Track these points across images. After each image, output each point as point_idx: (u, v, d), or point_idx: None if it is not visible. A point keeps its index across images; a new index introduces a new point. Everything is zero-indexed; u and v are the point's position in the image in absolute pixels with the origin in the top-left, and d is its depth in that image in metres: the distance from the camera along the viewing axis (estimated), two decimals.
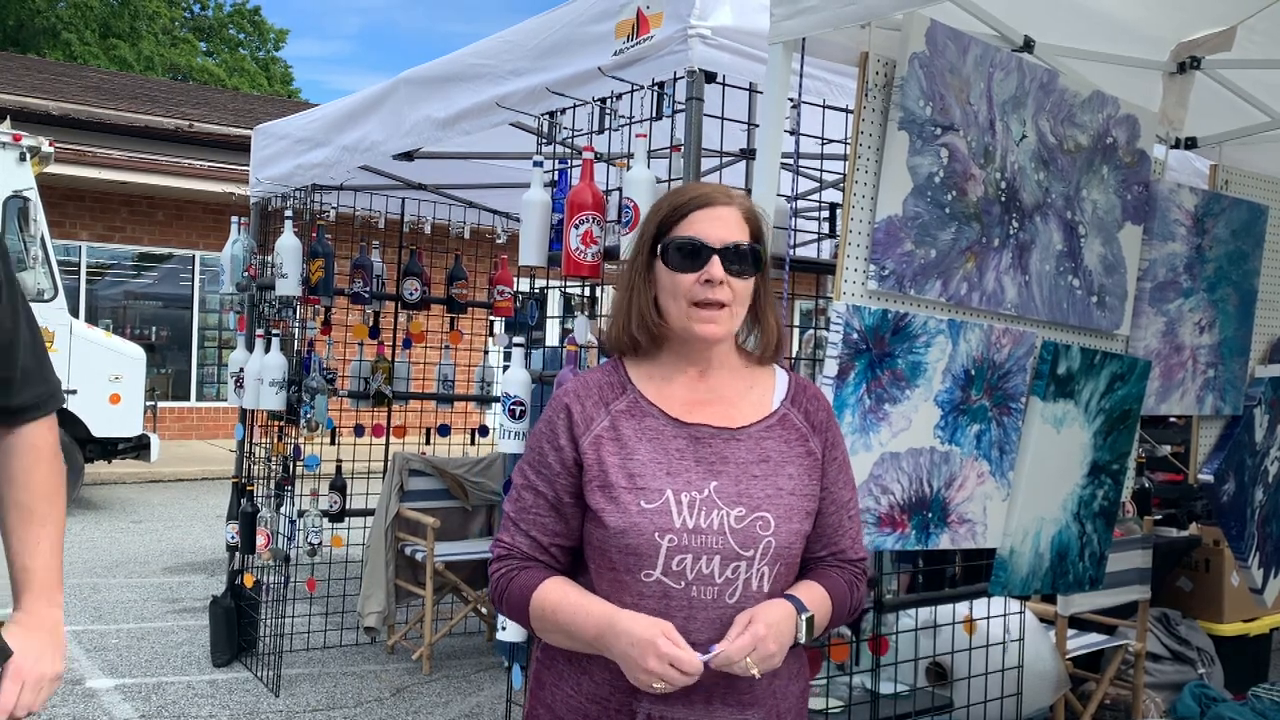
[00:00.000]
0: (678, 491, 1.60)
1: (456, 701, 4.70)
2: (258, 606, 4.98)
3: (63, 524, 1.81)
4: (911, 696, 3.44)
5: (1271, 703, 4.22)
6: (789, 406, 1.72)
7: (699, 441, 1.65)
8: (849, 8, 2.17)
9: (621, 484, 1.61)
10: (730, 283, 1.62)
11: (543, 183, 3.28)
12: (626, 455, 1.63)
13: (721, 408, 1.69)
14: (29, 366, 1.74)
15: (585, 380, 1.72)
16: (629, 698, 1.62)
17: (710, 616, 1.59)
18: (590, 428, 1.66)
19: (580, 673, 1.67)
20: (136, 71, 26.47)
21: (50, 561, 1.77)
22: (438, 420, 6.03)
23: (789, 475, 1.65)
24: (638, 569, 1.59)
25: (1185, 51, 2.97)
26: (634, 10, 2.91)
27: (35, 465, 1.77)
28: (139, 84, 18.68)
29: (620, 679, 1.60)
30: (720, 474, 1.62)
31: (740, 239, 1.64)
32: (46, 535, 1.77)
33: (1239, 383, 3.39)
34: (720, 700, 1.61)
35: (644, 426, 1.65)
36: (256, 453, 5.10)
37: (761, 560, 1.60)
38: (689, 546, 1.58)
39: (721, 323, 1.64)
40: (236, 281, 5.12)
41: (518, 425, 3.29)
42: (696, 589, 1.58)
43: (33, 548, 1.75)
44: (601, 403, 1.68)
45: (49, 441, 1.80)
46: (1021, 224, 2.62)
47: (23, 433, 1.76)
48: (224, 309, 13.76)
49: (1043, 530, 2.82)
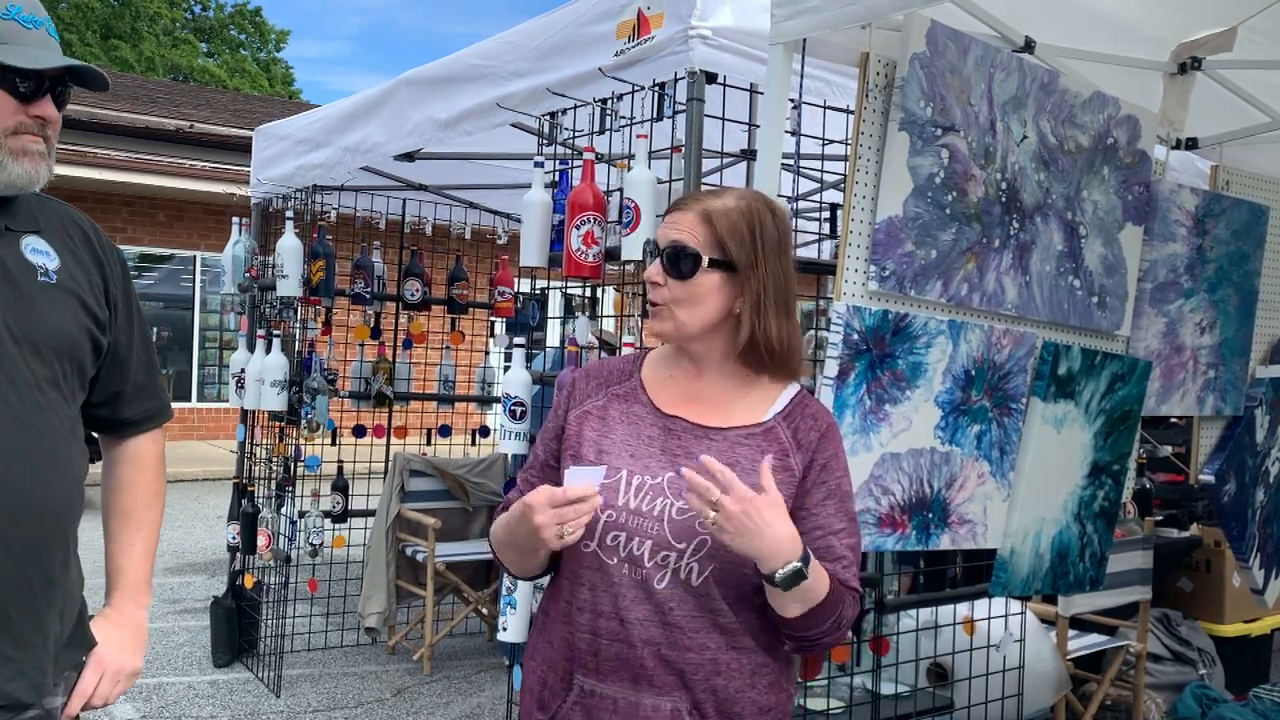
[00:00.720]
0: (631, 473, 1.66)
1: (457, 702, 4.70)
2: (259, 607, 4.98)
3: (158, 529, 1.97)
4: (912, 697, 3.44)
5: (1272, 703, 4.22)
6: (780, 421, 1.70)
7: (670, 433, 1.69)
8: (849, 8, 2.17)
9: (589, 457, 1.69)
10: (668, 284, 1.67)
11: (544, 183, 3.28)
12: (604, 433, 1.71)
13: (704, 408, 1.71)
14: (141, 381, 1.89)
15: (603, 362, 1.82)
16: (570, 666, 1.68)
17: (637, 596, 1.62)
18: (582, 403, 1.75)
19: (546, 644, 1.73)
20: (137, 72, 26.49)
21: (141, 563, 1.92)
22: (439, 421, 6.03)
23: (752, 485, 1.58)
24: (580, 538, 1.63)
25: (1186, 52, 2.97)
26: (635, 11, 2.91)
27: (139, 474, 1.93)
28: (140, 85, 18.69)
29: (566, 648, 1.68)
30: (680, 467, 1.63)
31: (684, 240, 1.66)
32: (141, 538, 1.92)
33: (1240, 383, 3.39)
34: (647, 681, 1.62)
35: (629, 411, 1.73)
36: (258, 453, 5.10)
37: (693, 555, 1.61)
38: (624, 525, 1.63)
39: (662, 320, 1.69)
40: (238, 282, 5.12)
41: (518, 426, 3.29)
42: (628, 568, 1.63)
43: (127, 549, 1.90)
44: (604, 384, 1.77)
45: (154, 453, 1.96)
46: (1022, 224, 2.62)
47: (131, 444, 1.93)
48: (225, 310, 13.77)
49: (1043, 531, 2.82)
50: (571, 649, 1.67)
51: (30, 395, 1.64)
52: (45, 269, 1.70)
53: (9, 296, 1.64)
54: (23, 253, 1.69)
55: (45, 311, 1.68)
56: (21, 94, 1.63)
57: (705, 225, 1.66)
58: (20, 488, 1.61)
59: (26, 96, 1.64)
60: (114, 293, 1.81)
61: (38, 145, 1.66)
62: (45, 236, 1.73)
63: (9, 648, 1.61)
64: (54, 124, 1.69)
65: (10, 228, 1.69)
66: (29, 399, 1.64)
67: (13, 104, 1.63)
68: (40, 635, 1.65)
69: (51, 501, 1.67)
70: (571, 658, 1.68)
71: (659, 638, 1.62)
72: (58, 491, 1.68)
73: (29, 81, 1.63)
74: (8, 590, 1.60)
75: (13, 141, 1.64)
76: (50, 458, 1.66)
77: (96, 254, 1.81)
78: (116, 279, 1.82)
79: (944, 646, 3.56)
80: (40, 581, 1.65)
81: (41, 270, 1.69)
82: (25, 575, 1.62)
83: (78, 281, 1.74)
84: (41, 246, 1.71)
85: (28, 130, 1.65)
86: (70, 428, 1.73)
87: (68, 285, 1.72)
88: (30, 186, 1.67)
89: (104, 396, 1.84)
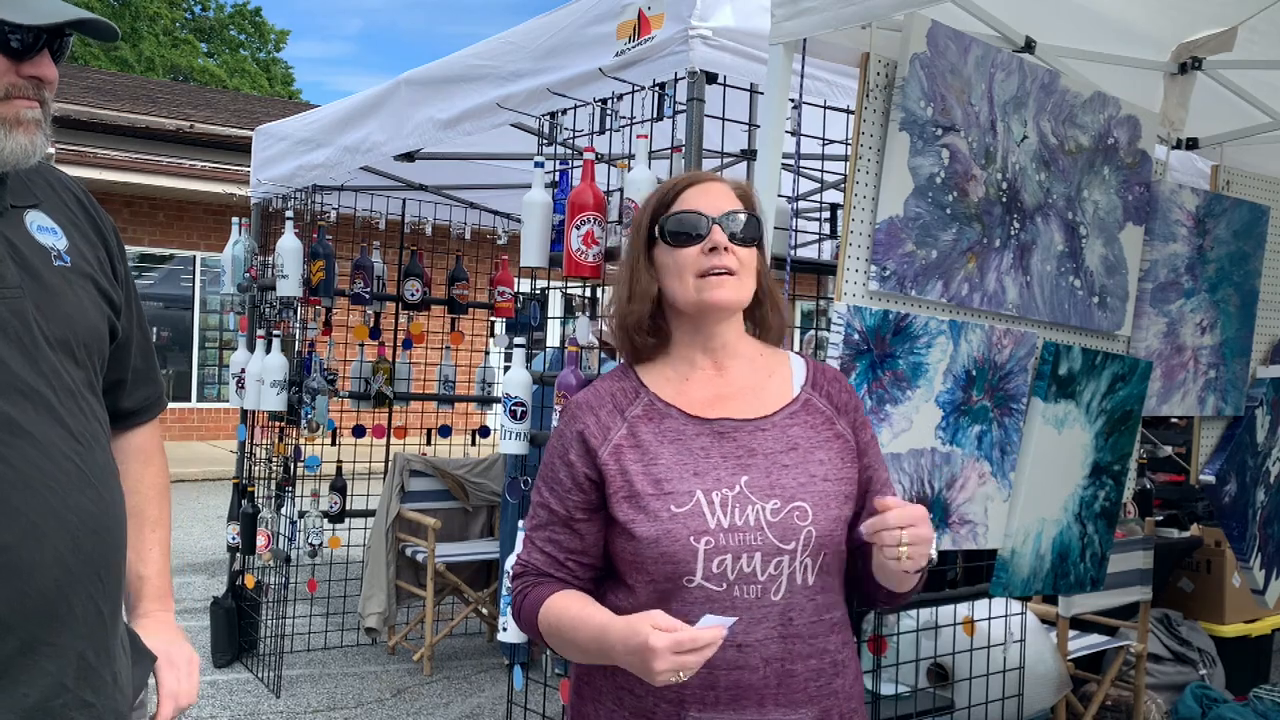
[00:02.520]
0: (708, 491, 1.54)
1: (457, 702, 4.70)
2: (258, 607, 4.98)
3: (170, 526, 1.77)
4: (912, 697, 3.44)
5: (1273, 704, 4.22)
6: (810, 391, 1.67)
7: (723, 436, 1.59)
8: (850, 9, 2.17)
9: (649, 491, 1.55)
10: (734, 250, 1.60)
11: (544, 183, 3.28)
12: (650, 461, 1.57)
13: (743, 400, 1.63)
14: (139, 368, 1.70)
15: (597, 390, 1.67)
16: (676, 708, 1.54)
17: (755, 616, 1.53)
18: (608, 438, 1.60)
19: (620, 689, 1.59)
20: (137, 72, 26.48)
21: (163, 567, 1.74)
22: (438, 421, 6.03)
23: (820, 461, 1.60)
24: (678, 576, 1.52)
25: (1186, 52, 2.97)
26: (635, 11, 2.91)
27: (145, 468, 1.74)
28: (140, 85, 18.68)
29: (668, 690, 1.53)
30: (749, 467, 1.57)
31: (735, 207, 1.63)
32: (158, 540, 1.73)
33: (1240, 384, 3.38)
34: (773, 701, 1.54)
35: (664, 429, 1.60)
36: (257, 454, 5.10)
37: (804, 552, 1.54)
38: (727, 546, 1.52)
39: (731, 288, 1.59)
40: (238, 282, 5.12)
41: (519, 426, 3.29)
42: (740, 589, 1.52)
43: (146, 554, 1.71)
44: (616, 410, 1.63)
45: (155, 444, 1.77)
46: (1023, 225, 2.62)
47: (131, 436, 1.72)
48: (225, 310, 13.77)
49: (1044, 531, 2.82)
50: (679, 690, 1.53)
51: (74, 404, 1.44)
52: (57, 250, 1.47)
53: (35, 291, 1.41)
54: (31, 233, 1.45)
55: (70, 305, 1.46)
56: (13, 50, 1.36)
57: (742, 199, 1.65)
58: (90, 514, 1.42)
59: (19, 53, 1.36)
60: (119, 268, 1.60)
61: (33, 112, 1.40)
62: (46, 210, 1.49)
63: (87, 693, 1.42)
64: (51, 85, 1.42)
65: (14, 204, 1.44)
66: (74, 409, 1.43)
67: (3, 63, 1.37)
68: (111, 673, 1.48)
69: (115, 524, 1.49)
70: (680, 700, 1.54)
71: (780, 653, 1.54)
72: (116, 513, 1.50)
73: (20, 35, 1.36)
74: (87, 630, 1.42)
75: (4, 109, 1.37)
76: (105, 474, 1.48)
77: (96, 224, 1.58)
78: (117, 252, 1.61)
79: (944, 647, 3.56)
80: (110, 614, 1.47)
81: (54, 252, 1.46)
82: (99, 610, 1.44)
83: (88, 261, 1.52)
84: (46, 223, 1.48)
85: (21, 93, 1.38)
86: (108, 433, 1.55)
87: (82, 268, 1.50)
88: (26, 161, 1.41)
89: (105, 385, 1.59)
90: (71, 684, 1.40)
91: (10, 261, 1.40)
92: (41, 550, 1.35)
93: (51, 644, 1.37)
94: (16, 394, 1.36)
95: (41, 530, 1.36)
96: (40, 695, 1.36)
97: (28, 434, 1.36)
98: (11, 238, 1.42)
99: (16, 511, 1.34)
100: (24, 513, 1.34)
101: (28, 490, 1.35)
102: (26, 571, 1.34)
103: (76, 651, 1.40)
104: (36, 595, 1.35)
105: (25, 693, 1.35)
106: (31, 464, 1.36)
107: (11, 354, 1.37)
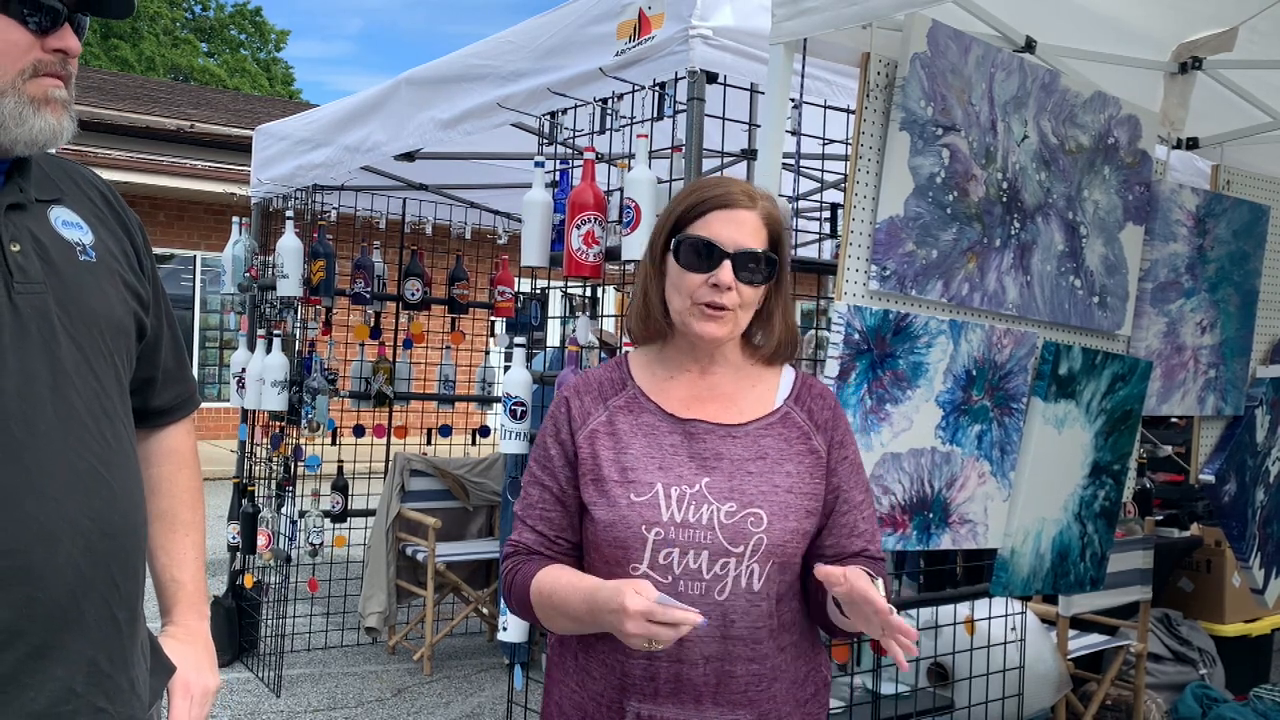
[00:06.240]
0: (668, 485, 1.59)
1: (458, 702, 4.70)
2: (259, 607, 4.98)
3: (204, 530, 1.74)
4: (913, 697, 3.44)
5: (1273, 703, 4.22)
6: (791, 405, 1.70)
7: (693, 437, 1.63)
8: (850, 8, 2.17)
9: (614, 477, 1.61)
10: (739, 289, 1.60)
11: (544, 183, 3.28)
12: (620, 449, 1.63)
13: (720, 405, 1.67)
14: (169, 366, 1.66)
15: (587, 377, 1.73)
16: (620, 695, 1.61)
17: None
18: (586, 422, 1.67)
19: (582, 671, 1.66)
20: (138, 72, 26.50)
21: (198, 572, 1.70)
22: (439, 421, 6.03)
23: (787, 473, 1.63)
24: (626, 562, 1.58)
25: (1187, 52, 2.97)
26: (635, 11, 2.92)
27: (178, 471, 1.70)
28: (140, 84, 18.69)
29: (614, 676, 1.60)
30: (714, 470, 1.60)
31: (755, 245, 1.61)
32: (192, 544, 1.70)
33: (1240, 383, 3.39)
34: (711, 700, 1.58)
35: (640, 422, 1.65)
36: (258, 453, 5.10)
37: (751, 557, 1.58)
38: (675, 540, 1.57)
39: (724, 324, 1.62)
40: (238, 282, 5.12)
41: (519, 426, 3.29)
42: (684, 584, 1.57)
43: (180, 559, 1.68)
44: (600, 398, 1.69)
45: (189, 445, 1.73)
46: (1023, 224, 2.62)
47: (163, 437, 1.69)
48: (225, 309, 13.77)
49: (1044, 531, 2.82)
50: (623, 677, 1.60)
51: (95, 403, 1.40)
52: (82, 245, 1.43)
53: (58, 287, 1.37)
54: (55, 227, 1.41)
55: (95, 300, 1.42)
56: (35, 25, 1.32)
57: (767, 228, 1.64)
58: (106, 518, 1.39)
59: (43, 27, 1.33)
60: (146, 264, 1.56)
61: (61, 92, 1.36)
62: (70, 205, 1.45)
63: (100, 699, 1.40)
64: (73, 59, 1.38)
65: (38, 198, 1.40)
66: (95, 408, 1.40)
67: (27, 38, 1.32)
68: (128, 680, 1.46)
69: (133, 528, 1.46)
70: (623, 686, 1.60)
71: (719, 653, 1.58)
72: (135, 516, 1.46)
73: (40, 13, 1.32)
74: (100, 636, 1.39)
75: (33, 87, 1.33)
76: (125, 475, 1.44)
77: (122, 219, 1.55)
78: (143, 248, 1.57)
79: (944, 646, 3.56)
80: (126, 620, 1.44)
81: (79, 247, 1.42)
82: (114, 616, 1.42)
83: (115, 256, 1.49)
84: (71, 218, 1.44)
85: (48, 70, 1.34)
86: (133, 433, 1.51)
87: (108, 263, 1.46)
88: (53, 143, 1.36)
89: (134, 384, 1.55)
90: (81, 689, 1.38)
91: (34, 256, 1.37)
92: (53, 555, 1.33)
93: (62, 649, 1.36)
94: (34, 392, 1.33)
95: (54, 534, 1.33)
96: (48, 700, 1.35)
97: (43, 434, 1.33)
98: (36, 232, 1.38)
99: (28, 515, 1.31)
100: (35, 517, 1.32)
101: (40, 493, 1.32)
102: (37, 577, 1.32)
103: (88, 657, 1.39)
104: (47, 601, 1.33)
105: (33, 697, 1.34)
106: (46, 465, 1.33)
107: (31, 350, 1.34)
